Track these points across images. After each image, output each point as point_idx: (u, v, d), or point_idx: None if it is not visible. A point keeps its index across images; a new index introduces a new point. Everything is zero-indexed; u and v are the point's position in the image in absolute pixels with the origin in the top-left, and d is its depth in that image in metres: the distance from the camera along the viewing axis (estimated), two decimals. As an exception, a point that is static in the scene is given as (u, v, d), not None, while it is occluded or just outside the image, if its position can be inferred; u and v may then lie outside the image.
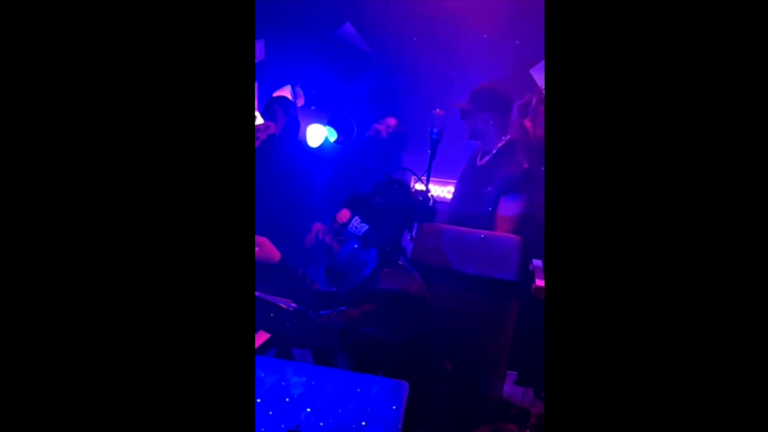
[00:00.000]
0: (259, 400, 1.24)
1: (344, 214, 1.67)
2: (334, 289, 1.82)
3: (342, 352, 1.70)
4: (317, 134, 3.40)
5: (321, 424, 1.23)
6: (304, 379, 1.27)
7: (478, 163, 2.52)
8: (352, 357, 1.67)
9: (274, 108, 2.85)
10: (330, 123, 3.72)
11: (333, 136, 3.60)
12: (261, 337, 1.86)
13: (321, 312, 1.58)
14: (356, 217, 1.65)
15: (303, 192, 2.94)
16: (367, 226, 1.65)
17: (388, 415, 1.19)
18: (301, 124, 3.07)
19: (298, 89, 3.78)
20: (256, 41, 3.79)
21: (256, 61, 3.75)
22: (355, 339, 1.58)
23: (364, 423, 1.18)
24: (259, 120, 2.30)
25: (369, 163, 2.90)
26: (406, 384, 1.21)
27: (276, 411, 1.24)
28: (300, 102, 3.54)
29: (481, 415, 1.74)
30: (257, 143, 2.30)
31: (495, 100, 2.45)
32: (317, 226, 2.93)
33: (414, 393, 1.20)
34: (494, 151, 2.44)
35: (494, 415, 1.78)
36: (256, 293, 1.55)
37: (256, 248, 1.83)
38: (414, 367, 1.54)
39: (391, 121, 2.95)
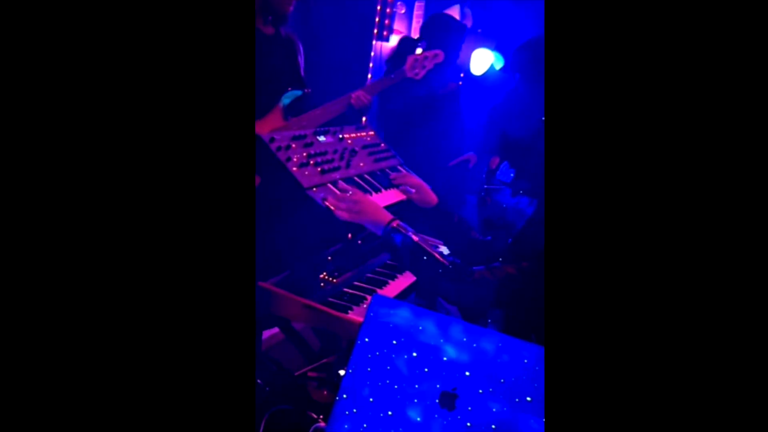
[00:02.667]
0: (414, 354, 1.21)
1: (494, 160, 1.58)
2: (489, 238, 1.72)
3: (493, 311, 1.62)
4: (483, 60, 3.19)
5: (480, 391, 1.17)
6: (465, 339, 1.21)
7: None
8: (504, 318, 1.58)
9: (441, 28, 2.67)
10: (498, 48, 3.47)
11: (499, 63, 3.36)
12: (406, 280, 1.83)
13: (473, 268, 1.48)
14: (505, 163, 1.54)
15: (456, 127, 2.79)
16: (513, 172, 1.52)
17: (559, 395, 1.08)
18: (465, 49, 2.87)
19: (467, 9, 3.57)
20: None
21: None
22: (509, 298, 1.48)
23: (529, 399, 1.10)
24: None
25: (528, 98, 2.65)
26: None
27: (432, 369, 1.19)
28: (468, 23, 3.32)
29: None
30: (422, 73, 2.17)
31: None
32: (470, 156, 2.81)
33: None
34: None
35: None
36: (415, 237, 1.49)
37: (413, 191, 1.78)
38: None
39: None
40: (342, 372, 1.21)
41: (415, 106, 2.71)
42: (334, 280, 1.69)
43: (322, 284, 1.66)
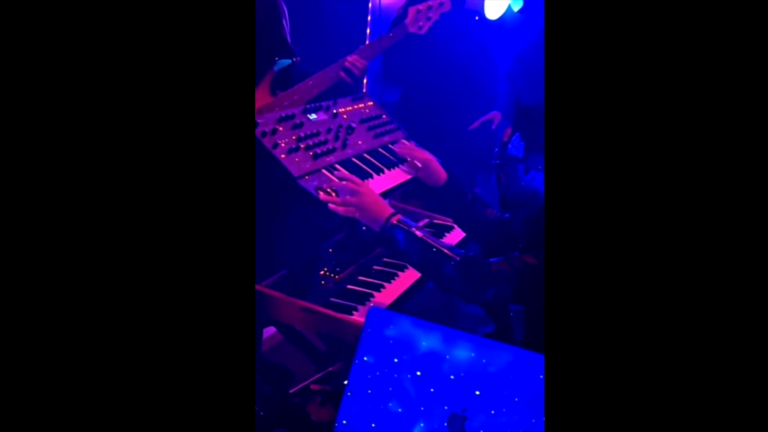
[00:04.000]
0: (419, 373, 1.15)
1: (507, 131, 1.44)
2: (507, 215, 1.61)
3: (514, 308, 1.55)
4: (498, 2, 2.98)
5: (492, 411, 1.11)
6: (473, 355, 1.14)
7: None
8: (526, 316, 1.48)
9: None
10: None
11: (518, 4, 3.16)
12: (410, 278, 1.70)
13: (490, 260, 1.37)
14: (516, 134, 1.39)
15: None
16: (524, 145, 1.38)
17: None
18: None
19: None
20: None
21: None
22: (530, 292, 1.35)
23: (548, 420, 1.05)
24: None
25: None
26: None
27: (438, 388, 1.14)
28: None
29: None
30: (427, 26, 2.01)
31: None
32: (494, 115, 2.66)
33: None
34: None
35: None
36: (418, 232, 1.38)
37: (419, 166, 1.66)
38: None
39: None
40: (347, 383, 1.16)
41: (422, 65, 2.55)
42: (336, 277, 1.61)
43: (322, 282, 1.59)
